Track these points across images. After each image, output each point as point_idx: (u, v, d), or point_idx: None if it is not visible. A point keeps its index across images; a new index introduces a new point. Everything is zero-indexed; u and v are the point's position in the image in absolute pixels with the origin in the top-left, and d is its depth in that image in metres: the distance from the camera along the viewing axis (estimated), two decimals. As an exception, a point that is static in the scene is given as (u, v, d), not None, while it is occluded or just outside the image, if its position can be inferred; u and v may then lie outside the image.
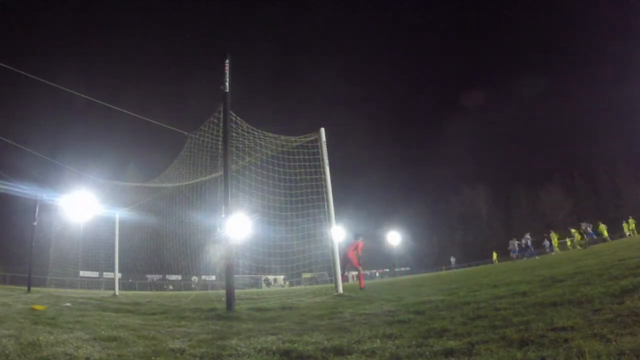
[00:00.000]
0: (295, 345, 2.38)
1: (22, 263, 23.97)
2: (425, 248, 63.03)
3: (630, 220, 27.42)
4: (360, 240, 9.95)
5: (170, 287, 34.97)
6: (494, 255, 40.93)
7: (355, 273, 11.13)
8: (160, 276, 37.31)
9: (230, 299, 5.11)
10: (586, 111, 71.99)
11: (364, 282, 9.38)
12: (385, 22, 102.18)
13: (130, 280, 31.92)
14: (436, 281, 10.32)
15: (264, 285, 36.60)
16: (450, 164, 75.97)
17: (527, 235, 24.76)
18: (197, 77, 75.95)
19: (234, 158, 8.00)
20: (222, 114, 6.27)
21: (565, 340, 1.86)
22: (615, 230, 30.25)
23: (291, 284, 35.54)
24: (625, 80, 59.51)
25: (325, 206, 7.92)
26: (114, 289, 13.31)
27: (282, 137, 8.48)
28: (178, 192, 10.89)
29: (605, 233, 26.01)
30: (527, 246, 24.27)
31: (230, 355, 2.23)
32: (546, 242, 33.56)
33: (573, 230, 27.14)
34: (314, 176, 8.11)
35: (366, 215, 56.94)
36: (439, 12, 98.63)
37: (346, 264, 9.48)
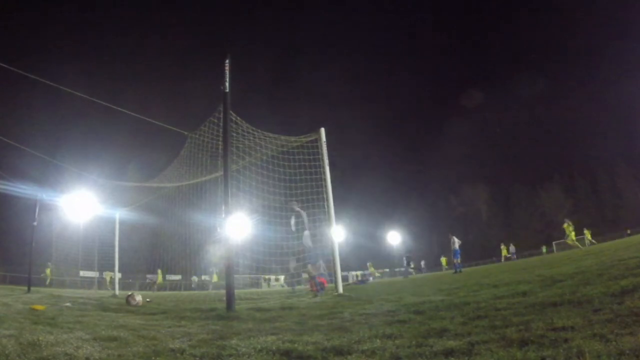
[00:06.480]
0: (295, 345, 2.38)
1: (22, 263, 23.97)
2: (425, 248, 63.05)
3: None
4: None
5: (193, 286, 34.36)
6: (443, 261, 37.45)
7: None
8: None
9: (230, 299, 5.10)
10: (586, 111, 72.05)
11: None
12: (385, 22, 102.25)
13: (130, 280, 31.94)
14: (436, 281, 10.32)
15: (266, 284, 36.39)
16: (450, 164, 76.03)
17: (455, 238, 19.55)
18: (197, 77, 75.94)
19: (234, 158, 8.00)
20: (222, 114, 6.27)
21: (565, 340, 1.86)
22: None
23: (292, 284, 35.38)
24: (625, 80, 59.56)
25: (325, 206, 7.92)
26: (114, 288, 13.33)
27: (282, 137, 8.48)
28: (178, 192, 10.89)
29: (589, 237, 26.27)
30: (455, 252, 18.87)
31: (230, 355, 2.23)
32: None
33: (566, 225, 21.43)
34: (314, 176, 8.11)
35: (366, 215, 57.09)
36: (438, 12, 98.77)
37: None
